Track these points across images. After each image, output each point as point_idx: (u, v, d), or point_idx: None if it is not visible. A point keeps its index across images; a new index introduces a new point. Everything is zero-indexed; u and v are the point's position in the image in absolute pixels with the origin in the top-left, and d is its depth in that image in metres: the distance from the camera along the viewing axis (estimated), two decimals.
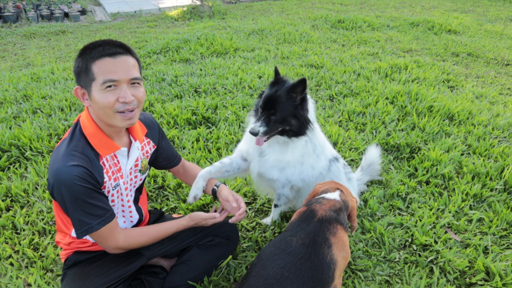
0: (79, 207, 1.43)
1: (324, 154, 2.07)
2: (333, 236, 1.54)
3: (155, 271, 1.85)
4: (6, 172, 2.86)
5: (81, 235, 1.48)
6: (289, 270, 1.42)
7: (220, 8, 9.04)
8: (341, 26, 7.30)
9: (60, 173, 1.38)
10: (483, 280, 2.01)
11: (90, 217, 1.46)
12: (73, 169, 1.39)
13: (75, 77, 1.48)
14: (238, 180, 2.70)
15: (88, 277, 1.62)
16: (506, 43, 6.43)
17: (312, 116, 1.92)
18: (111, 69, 1.40)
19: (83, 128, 1.51)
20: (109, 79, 1.40)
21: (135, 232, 1.68)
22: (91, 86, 1.42)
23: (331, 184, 1.82)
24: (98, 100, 1.42)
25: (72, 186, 1.38)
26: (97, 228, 1.48)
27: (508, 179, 2.73)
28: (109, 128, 1.54)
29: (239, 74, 4.58)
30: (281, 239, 1.56)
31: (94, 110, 1.49)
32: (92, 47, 1.42)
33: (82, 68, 1.42)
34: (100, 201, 1.49)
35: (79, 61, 1.44)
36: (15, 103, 3.94)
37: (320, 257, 1.47)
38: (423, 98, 3.90)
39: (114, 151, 1.56)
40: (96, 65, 1.40)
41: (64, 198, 1.42)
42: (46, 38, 7.15)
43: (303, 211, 1.65)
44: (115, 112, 1.45)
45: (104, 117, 1.47)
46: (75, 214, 1.45)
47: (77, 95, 1.49)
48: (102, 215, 1.49)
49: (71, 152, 1.44)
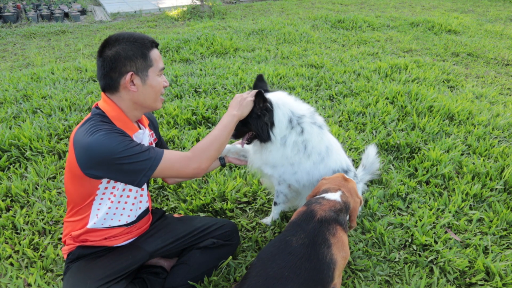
0: (128, 153, 1.46)
1: (325, 163, 2.05)
2: (332, 236, 1.55)
3: (156, 271, 1.86)
4: (6, 172, 2.86)
5: (145, 178, 1.52)
6: (289, 270, 1.43)
7: (220, 8, 9.04)
8: (341, 26, 7.30)
9: (95, 140, 1.43)
10: (483, 280, 2.01)
11: (143, 154, 1.50)
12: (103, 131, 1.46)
13: (125, 63, 1.51)
14: (238, 180, 2.71)
15: (92, 270, 1.64)
16: (506, 43, 6.43)
17: (278, 129, 1.92)
18: (160, 58, 1.61)
19: (106, 112, 1.58)
20: (163, 66, 1.62)
21: (198, 144, 1.69)
22: (147, 71, 1.56)
23: (336, 180, 1.80)
24: (154, 84, 1.59)
25: (111, 143, 1.44)
26: (160, 158, 1.53)
27: (508, 179, 2.73)
28: (134, 113, 1.64)
29: (239, 74, 4.58)
30: (281, 239, 1.56)
31: (141, 95, 1.57)
32: (138, 38, 1.53)
33: (138, 54, 1.52)
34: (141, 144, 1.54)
35: (130, 48, 1.51)
36: (15, 103, 3.94)
37: (320, 257, 1.48)
38: (423, 98, 3.90)
39: (135, 132, 1.65)
40: (152, 53, 1.56)
41: (111, 162, 1.45)
42: (46, 38, 7.15)
43: (302, 211, 1.65)
44: (160, 95, 1.65)
45: (150, 101, 1.61)
46: (128, 166, 1.47)
47: (126, 82, 1.53)
48: (150, 149, 1.55)
49: (97, 124, 1.50)
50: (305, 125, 1.96)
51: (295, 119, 1.94)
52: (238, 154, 2.23)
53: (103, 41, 1.56)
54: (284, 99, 1.96)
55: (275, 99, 1.93)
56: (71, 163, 1.55)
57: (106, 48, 1.53)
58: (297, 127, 1.95)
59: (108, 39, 1.55)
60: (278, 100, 1.93)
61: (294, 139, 1.96)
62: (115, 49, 1.51)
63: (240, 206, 2.54)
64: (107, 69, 1.52)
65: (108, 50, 1.52)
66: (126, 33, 1.56)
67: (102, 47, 1.54)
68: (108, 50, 1.52)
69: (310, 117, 2.00)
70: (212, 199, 2.55)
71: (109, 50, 1.52)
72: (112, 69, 1.51)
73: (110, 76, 1.53)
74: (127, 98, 1.58)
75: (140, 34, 1.58)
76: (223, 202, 2.55)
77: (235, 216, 2.45)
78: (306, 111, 2.00)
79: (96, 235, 1.72)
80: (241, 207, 2.54)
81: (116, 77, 1.53)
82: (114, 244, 1.76)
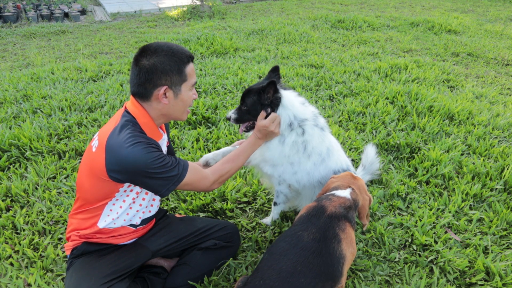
0: (160, 169, 1.53)
1: (325, 164, 2.06)
2: (342, 232, 1.58)
3: (156, 271, 1.87)
4: (6, 172, 2.86)
5: (168, 191, 1.59)
6: (302, 264, 1.46)
7: (220, 8, 9.04)
8: (341, 26, 7.30)
9: (133, 154, 1.47)
10: (483, 280, 2.01)
11: (173, 167, 1.58)
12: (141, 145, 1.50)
13: (161, 76, 1.55)
14: (238, 180, 2.71)
15: (96, 267, 1.64)
16: (506, 43, 6.43)
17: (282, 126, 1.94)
18: (194, 72, 1.66)
19: (137, 118, 1.62)
20: (196, 81, 1.68)
21: (218, 165, 1.83)
22: (181, 86, 1.61)
23: (345, 178, 1.82)
24: (186, 99, 1.65)
25: (148, 158, 1.49)
26: (185, 174, 1.62)
27: (508, 179, 2.73)
28: (160, 121, 1.71)
29: (239, 74, 4.58)
30: (292, 233, 1.58)
31: (171, 107, 1.63)
32: (176, 52, 1.57)
33: (174, 69, 1.56)
34: (169, 158, 1.60)
35: (168, 62, 1.54)
36: (15, 103, 3.94)
37: (331, 251, 1.51)
38: (423, 98, 3.90)
39: (160, 138, 1.73)
40: (187, 68, 1.61)
41: (143, 174, 1.51)
42: (46, 38, 7.15)
43: (313, 206, 1.68)
44: (188, 108, 1.72)
45: (178, 113, 1.68)
46: (158, 181, 1.55)
47: (159, 94, 1.57)
48: (181, 163, 1.64)
49: (134, 134, 1.54)
50: (306, 127, 1.97)
51: (296, 123, 1.94)
52: None
53: (140, 49, 1.58)
54: (292, 101, 1.97)
55: (285, 98, 1.93)
56: (95, 163, 1.56)
57: (143, 57, 1.54)
58: (298, 129, 1.96)
59: (147, 48, 1.56)
60: (287, 101, 1.93)
61: (294, 139, 1.96)
62: (152, 60, 1.53)
63: (240, 206, 2.54)
64: (143, 80, 1.55)
65: (146, 60, 1.54)
66: (165, 44, 1.57)
67: (139, 55, 1.56)
68: (146, 60, 1.54)
69: (312, 119, 2.00)
70: (212, 199, 2.55)
71: (146, 60, 1.54)
72: (148, 80, 1.55)
73: (144, 86, 1.57)
74: (157, 108, 1.62)
75: (179, 47, 1.60)
76: (223, 202, 2.55)
77: (235, 216, 2.45)
78: (309, 115, 2.00)
79: (104, 233, 1.73)
80: (241, 207, 2.54)
81: (150, 88, 1.57)
82: (120, 242, 1.77)
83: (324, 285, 1.47)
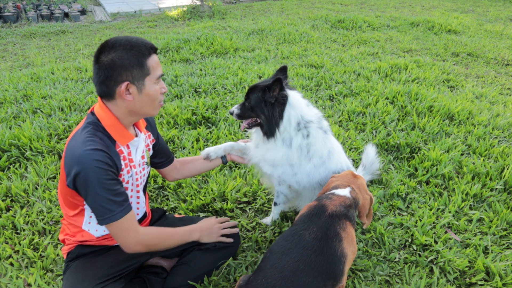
0: (102, 193, 1.44)
1: (326, 166, 2.06)
2: (343, 230, 1.58)
3: (156, 271, 1.86)
4: (6, 172, 2.86)
5: (103, 222, 1.49)
6: (304, 263, 1.46)
7: (220, 8, 9.04)
8: (341, 26, 7.30)
9: (84, 158, 1.40)
10: (483, 280, 2.01)
11: (112, 204, 1.47)
12: (95, 152, 1.43)
13: (120, 72, 1.46)
14: (238, 180, 2.71)
15: (90, 269, 1.64)
16: (506, 43, 6.43)
17: (283, 127, 1.92)
18: (158, 65, 1.56)
19: (101, 120, 1.55)
20: (161, 74, 1.57)
21: (153, 228, 1.70)
22: (144, 80, 1.51)
23: (345, 177, 1.83)
24: (152, 93, 1.54)
25: (95, 169, 1.41)
26: (119, 216, 1.49)
27: (508, 179, 2.72)
28: (130, 119, 1.61)
29: (239, 74, 4.58)
30: (293, 232, 1.58)
31: (137, 103, 1.53)
32: (135, 44, 1.47)
33: (134, 63, 1.47)
34: (120, 188, 1.52)
35: (127, 56, 1.45)
36: (15, 103, 3.94)
37: (332, 250, 1.52)
38: (423, 98, 3.90)
39: (130, 140, 1.63)
40: (149, 61, 1.51)
41: (87, 184, 1.42)
42: (46, 38, 7.15)
43: (313, 205, 1.68)
44: (159, 103, 1.61)
45: (147, 109, 1.58)
46: (98, 200, 1.45)
47: (121, 91, 1.49)
48: (123, 203, 1.51)
49: (90, 138, 1.47)
50: (311, 129, 1.97)
51: (303, 123, 1.95)
52: (241, 152, 2.21)
53: (99, 46, 1.50)
54: (299, 101, 1.97)
55: (291, 97, 1.93)
56: (61, 169, 1.54)
57: (102, 54, 1.47)
58: (304, 131, 1.96)
59: (105, 44, 1.49)
60: (294, 100, 1.93)
61: (300, 142, 1.96)
62: (110, 56, 1.45)
63: (240, 206, 2.54)
64: (103, 77, 1.48)
65: (104, 56, 1.46)
66: (124, 38, 1.49)
67: (98, 53, 1.49)
68: (104, 56, 1.46)
69: (317, 122, 2.01)
70: (212, 199, 2.55)
71: (104, 56, 1.46)
72: (108, 77, 1.47)
73: (106, 84, 1.49)
74: (123, 106, 1.54)
75: (138, 39, 1.51)
76: (223, 202, 2.55)
77: (235, 216, 2.45)
78: (314, 117, 2.01)
79: (94, 237, 1.71)
80: (241, 207, 2.54)
81: (111, 86, 1.49)
82: (114, 243, 1.76)
83: (325, 283, 1.47)
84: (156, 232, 1.69)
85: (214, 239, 1.89)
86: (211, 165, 2.17)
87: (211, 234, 1.89)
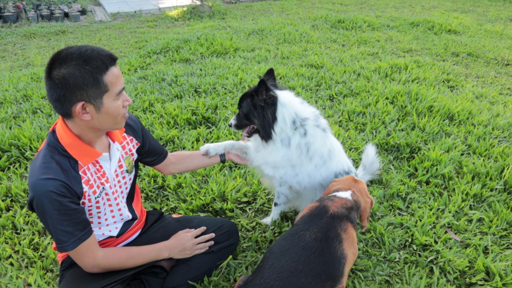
0: (56, 224, 1.40)
1: (327, 167, 2.05)
2: (344, 232, 1.58)
3: (155, 271, 1.85)
4: (6, 172, 2.86)
5: (59, 249, 1.46)
6: (303, 264, 1.46)
7: (220, 8, 9.04)
8: (341, 26, 7.30)
9: (37, 187, 1.35)
10: (483, 280, 2.01)
11: (65, 235, 1.42)
12: (48, 182, 1.35)
13: (74, 91, 1.32)
14: (238, 180, 2.71)
15: (86, 279, 1.61)
16: (506, 43, 6.43)
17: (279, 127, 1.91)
18: (119, 78, 1.41)
19: (60, 139, 1.44)
20: (122, 88, 1.43)
21: (115, 250, 1.65)
22: (102, 98, 1.37)
23: (346, 181, 1.84)
24: (112, 110, 1.41)
25: (47, 200, 1.35)
26: (73, 246, 1.45)
27: (508, 179, 2.72)
28: (93, 135, 1.49)
29: (239, 74, 4.58)
30: (294, 233, 1.58)
31: (96, 122, 1.41)
32: (89, 58, 1.32)
33: (89, 81, 1.32)
34: (76, 217, 1.44)
35: (80, 74, 1.30)
36: (15, 103, 3.94)
37: (332, 251, 1.51)
38: (423, 98, 3.90)
39: (95, 158, 1.52)
40: (107, 77, 1.36)
41: (41, 212, 1.38)
42: (46, 38, 7.15)
43: (315, 206, 1.68)
44: (122, 117, 1.48)
45: (109, 125, 1.46)
46: (52, 230, 1.42)
47: (78, 111, 1.36)
48: (78, 233, 1.45)
49: (46, 164, 1.39)
50: (308, 127, 1.95)
51: (298, 121, 1.93)
52: (241, 151, 2.20)
53: (50, 58, 1.33)
54: (290, 99, 1.95)
55: (282, 97, 1.92)
56: None
57: (53, 69, 1.31)
58: (301, 129, 1.94)
59: (56, 56, 1.32)
60: (285, 99, 1.92)
61: (298, 141, 1.95)
62: (62, 73, 1.29)
63: (240, 206, 2.54)
64: (55, 96, 1.33)
65: (56, 72, 1.30)
66: (77, 51, 1.32)
67: (49, 67, 1.32)
68: (56, 72, 1.30)
69: (314, 119, 1.99)
70: (212, 199, 2.55)
71: (56, 72, 1.30)
72: (61, 96, 1.32)
73: (59, 103, 1.34)
74: (82, 124, 1.42)
75: (94, 51, 1.34)
76: (223, 202, 2.55)
77: (235, 216, 2.45)
78: (310, 114, 1.99)
79: None
80: (241, 207, 2.54)
81: (66, 105, 1.35)
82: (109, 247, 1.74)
83: (324, 284, 1.47)
84: (117, 254, 1.64)
85: (188, 255, 1.84)
86: (209, 162, 2.14)
87: (184, 250, 1.82)
